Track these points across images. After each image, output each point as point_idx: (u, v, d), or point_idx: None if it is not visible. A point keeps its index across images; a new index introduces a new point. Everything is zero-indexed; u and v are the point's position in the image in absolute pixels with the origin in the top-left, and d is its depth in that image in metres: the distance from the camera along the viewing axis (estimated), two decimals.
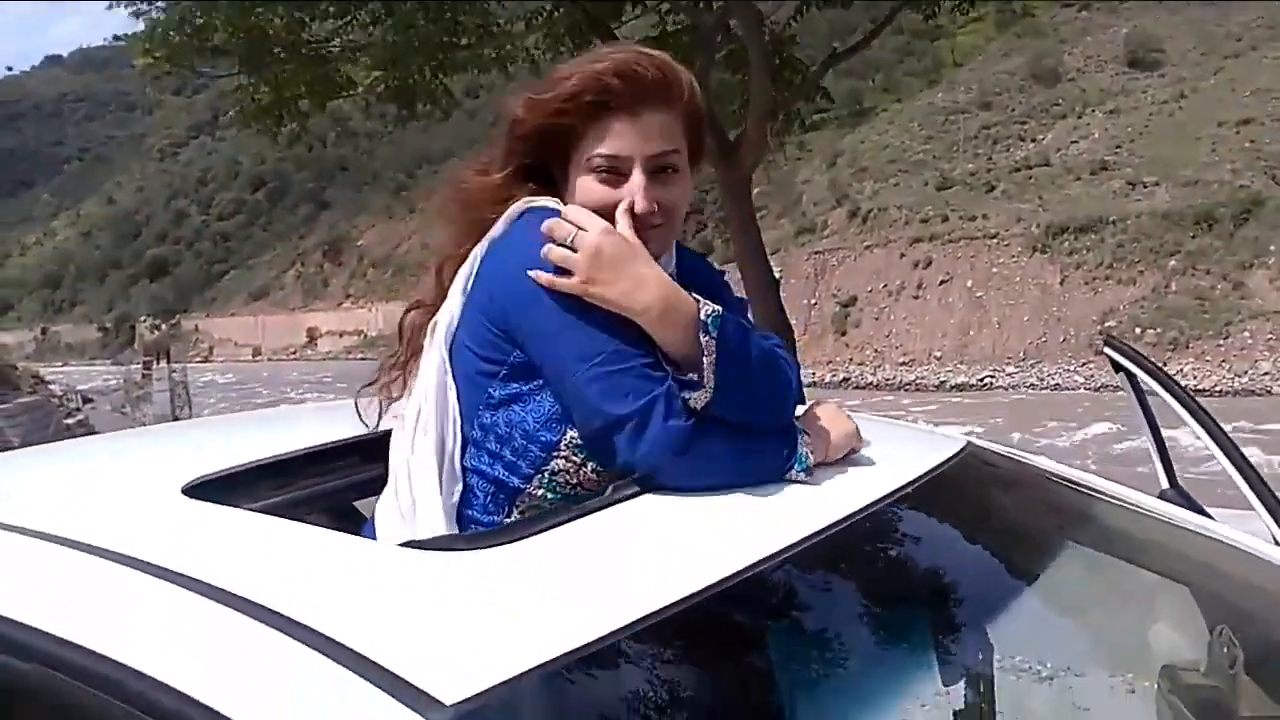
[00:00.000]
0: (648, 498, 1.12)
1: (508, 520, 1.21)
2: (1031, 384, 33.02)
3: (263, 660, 0.81)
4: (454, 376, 1.25)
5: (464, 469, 1.23)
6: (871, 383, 37.53)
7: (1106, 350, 2.36)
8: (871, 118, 50.93)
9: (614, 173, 1.27)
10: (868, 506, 1.21)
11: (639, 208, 1.26)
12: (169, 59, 8.51)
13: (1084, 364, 31.03)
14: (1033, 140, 44.70)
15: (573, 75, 1.27)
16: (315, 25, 8.86)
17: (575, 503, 1.19)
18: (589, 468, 1.21)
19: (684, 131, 1.32)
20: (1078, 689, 1.56)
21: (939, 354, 37.17)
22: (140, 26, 8.70)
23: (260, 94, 8.80)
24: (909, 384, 36.48)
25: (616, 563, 1.01)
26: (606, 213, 1.25)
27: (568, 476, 1.21)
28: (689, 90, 1.31)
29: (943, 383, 35.54)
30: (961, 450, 1.56)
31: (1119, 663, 1.59)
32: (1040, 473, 1.80)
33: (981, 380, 34.66)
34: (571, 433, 1.20)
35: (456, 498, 1.22)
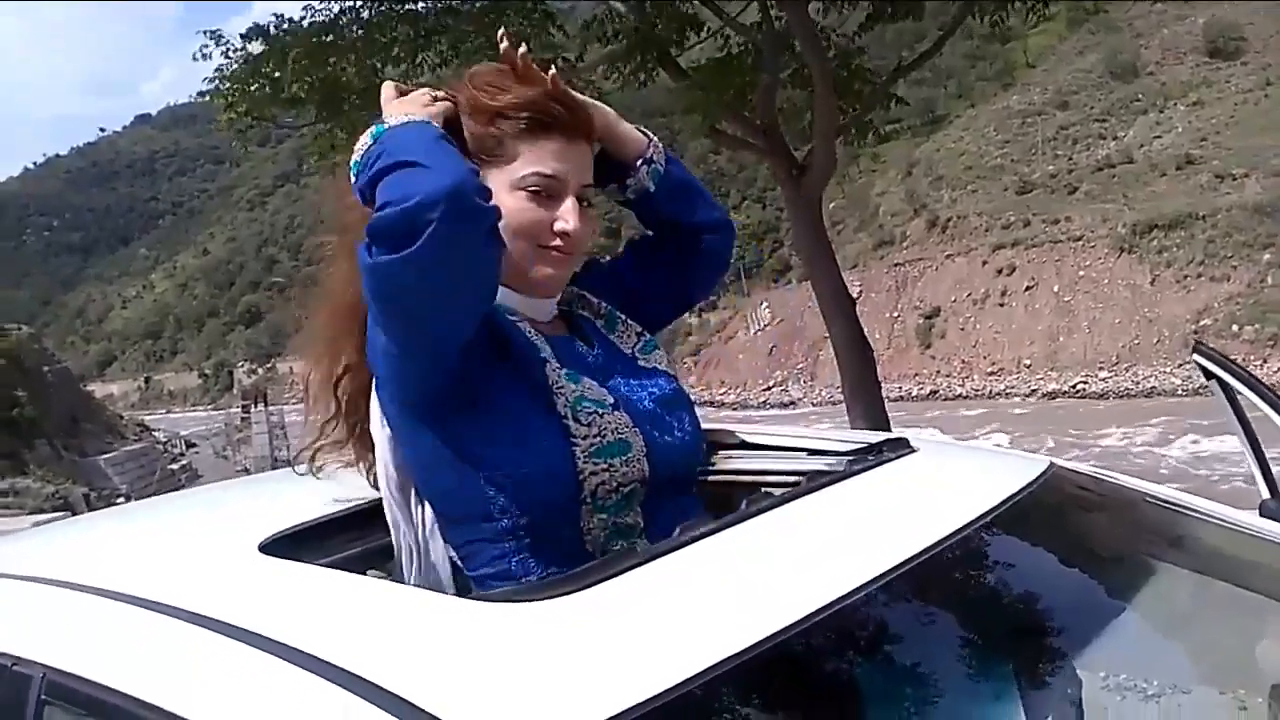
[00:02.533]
0: (715, 539, 1.11)
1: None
2: (1126, 389, 32.10)
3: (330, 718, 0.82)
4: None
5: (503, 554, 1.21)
6: (960, 394, 36.89)
7: (1196, 357, 2.27)
8: (945, 125, 50.32)
9: (546, 195, 1.27)
10: (949, 536, 1.18)
11: (572, 227, 1.27)
12: (249, 112, 8.79)
13: (1180, 365, 30.08)
14: (1114, 138, 43.68)
15: (508, 92, 1.28)
16: (388, 71, 9.05)
17: (629, 506, 1.22)
18: (616, 461, 1.20)
19: None
20: (1185, 707, 1.50)
21: (1028, 362, 36.38)
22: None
23: (338, 141, 9.03)
24: (999, 393, 35.74)
25: (688, 607, 1.00)
26: (537, 233, 1.27)
27: (606, 486, 1.20)
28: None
29: (1034, 391, 34.73)
30: (1045, 471, 1.52)
31: (1227, 681, 1.52)
32: (1130, 492, 1.74)
33: (1074, 386, 33.82)
34: (577, 449, 1.18)
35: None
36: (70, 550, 1.46)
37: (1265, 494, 2.13)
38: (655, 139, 1.47)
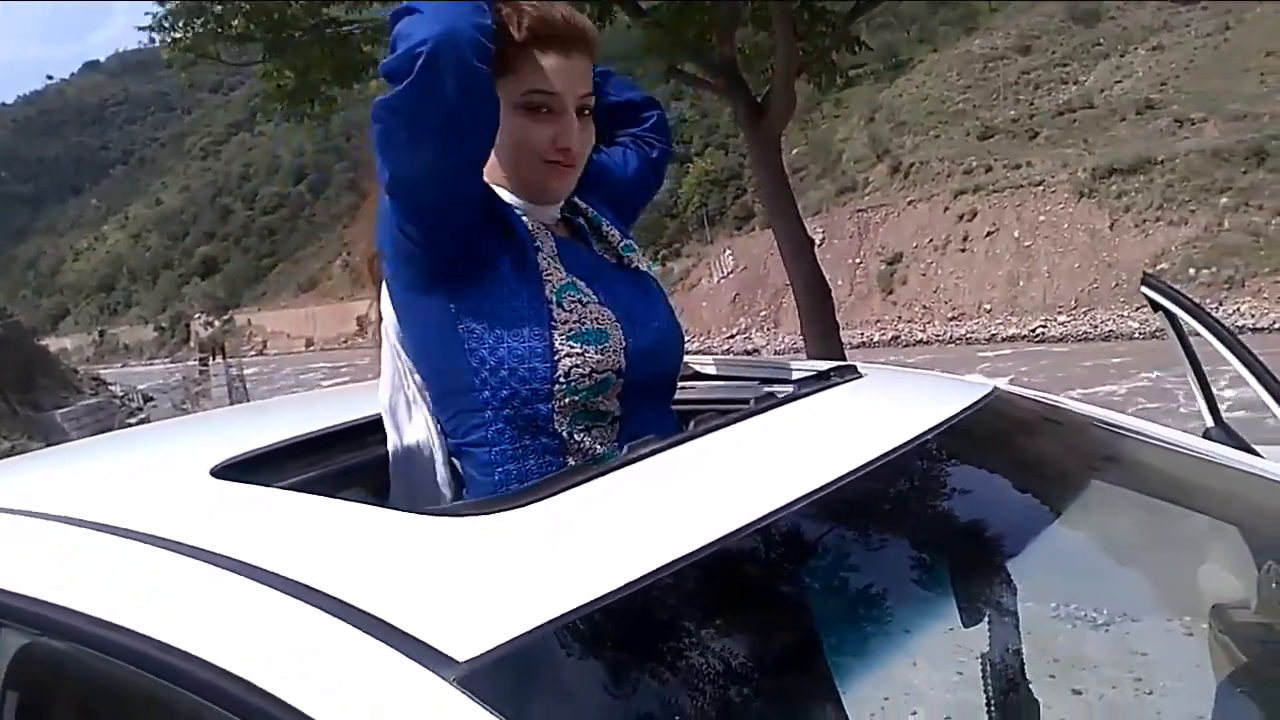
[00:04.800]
0: (664, 455, 1.13)
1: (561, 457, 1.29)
2: (1085, 332, 32.48)
3: (280, 627, 0.83)
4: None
5: (476, 442, 1.30)
6: (921, 339, 37.15)
7: (1144, 290, 2.31)
8: (908, 70, 50.08)
9: (546, 110, 1.32)
10: (890, 453, 1.20)
11: (574, 145, 1.34)
12: (192, 49, 8.57)
13: (1138, 308, 30.36)
14: (1075, 82, 43.74)
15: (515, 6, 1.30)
16: (333, 7, 8.88)
17: (601, 392, 1.28)
18: (592, 348, 1.27)
19: None
20: (1132, 633, 1.54)
21: (989, 306, 36.64)
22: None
23: (285, 79, 8.84)
24: (959, 339, 36.04)
25: (633, 519, 1.02)
26: (541, 149, 1.33)
27: (579, 370, 1.27)
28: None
29: (993, 335, 35.05)
30: (988, 395, 1.54)
31: (1169, 605, 1.57)
32: (1075, 416, 1.77)
33: (1033, 331, 34.15)
34: (556, 332, 1.26)
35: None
36: (19, 481, 1.46)
37: (1209, 422, 2.19)
38: None
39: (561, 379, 1.26)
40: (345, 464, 1.40)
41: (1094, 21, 46.71)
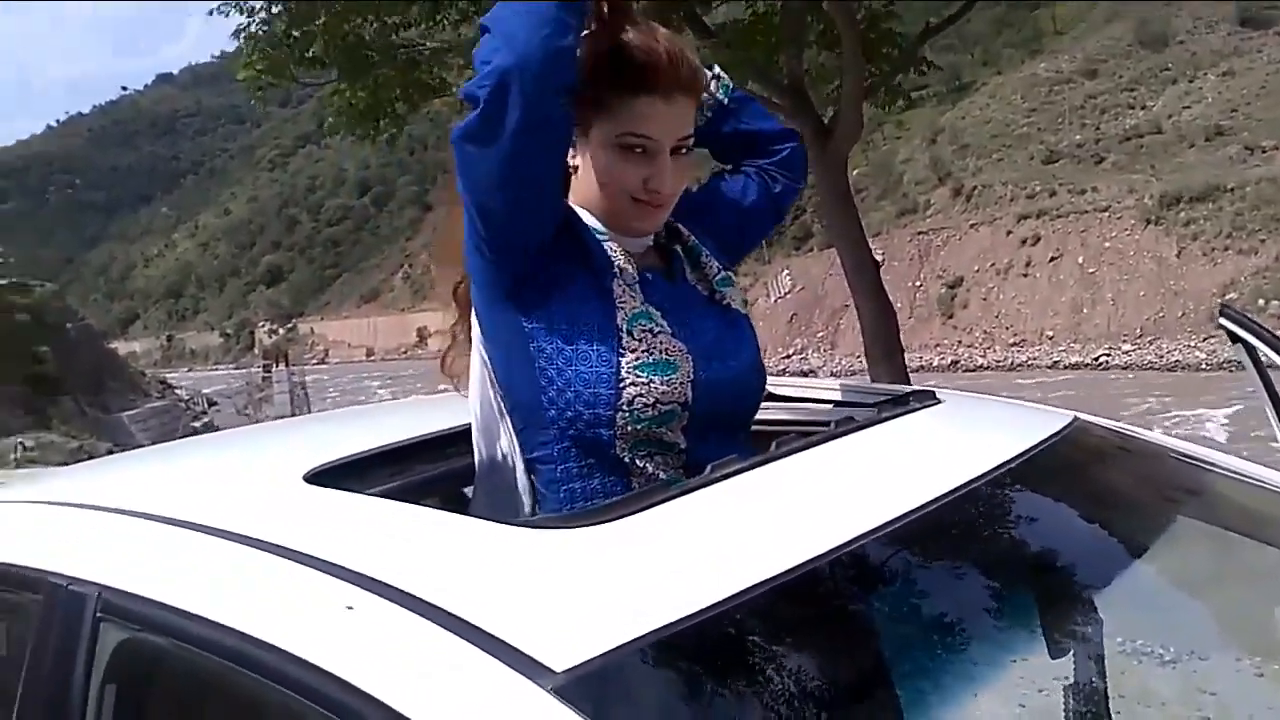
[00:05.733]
0: (747, 476, 1.14)
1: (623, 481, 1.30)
2: (1150, 361, 31.85)
3: (380, 631, 0.85)
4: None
5: (542, 458, 1.31)
6: (981, 365, 36.68)
7: (1222, 321, 2.27)
8: (971, 92, 49.62)
9: (640, 150, 1.32)
10: (971, 482, 1.20)
11: (667, 189, 1.34)
12: (268, 71, 8.78)
13: (1205, 339, 29.74)
14: (1142, 107, 43.03)
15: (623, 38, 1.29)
16: (407, 30, 9.05)
17: (665, 424, 1.28)
18: (658, 379, 1.27)
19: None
20: (1203, 672, 1.51)
21: (1051, 333, 36.08)
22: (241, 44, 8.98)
23: (357, 99, 9.02)
24: (1021, 365, 35.53)
25: (720, 537, 1.03)
26: (631, 188, 1.33)
27: (644, 399, 1.27)
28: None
29: (1056, 363, 34.51)
30: (1069, 424, 1.53)
31: (1245, 644, 1.53)
32: (1155, 447, 1.75)
33: (1097, 359, 33.57)
34: (623, 359, 1.27)
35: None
36: (119, 480, 1.51)
37: None
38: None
39: (625, 407, 1.26)
40: (428, 474, 1.43)
41: (1162, 46, 45.94)
